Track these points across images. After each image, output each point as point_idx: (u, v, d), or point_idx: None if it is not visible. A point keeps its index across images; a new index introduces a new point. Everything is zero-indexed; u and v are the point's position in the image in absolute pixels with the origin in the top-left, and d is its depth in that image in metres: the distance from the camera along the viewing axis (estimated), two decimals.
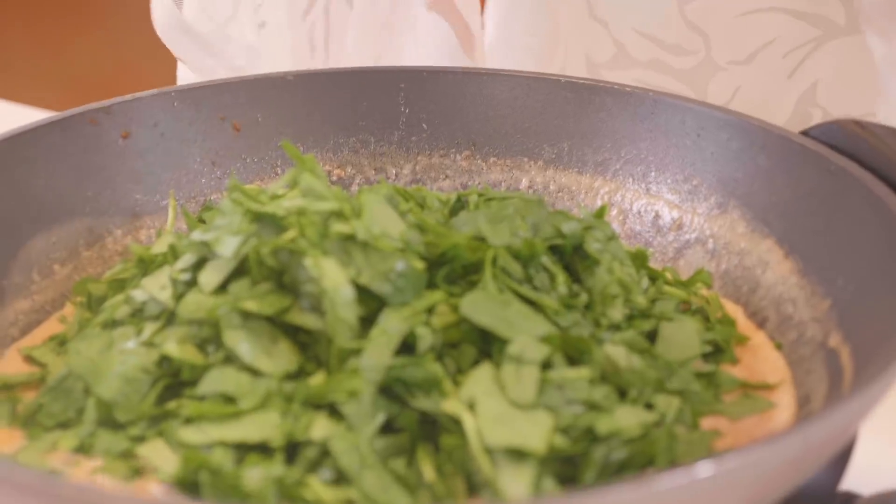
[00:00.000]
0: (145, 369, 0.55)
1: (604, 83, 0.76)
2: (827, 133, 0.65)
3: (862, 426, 0.50)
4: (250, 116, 0.78)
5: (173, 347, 0.54)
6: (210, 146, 0.77)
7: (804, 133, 0.66)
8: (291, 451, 0.50)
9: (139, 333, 0.57)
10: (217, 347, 0.54)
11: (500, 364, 0.52)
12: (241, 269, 0.56)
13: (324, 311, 0.53)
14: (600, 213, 0.65)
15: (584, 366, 0.53)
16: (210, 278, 0.56)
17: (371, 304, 0.53)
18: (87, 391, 0.55)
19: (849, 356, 0.56)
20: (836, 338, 0.58)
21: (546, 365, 0.52)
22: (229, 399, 0.52)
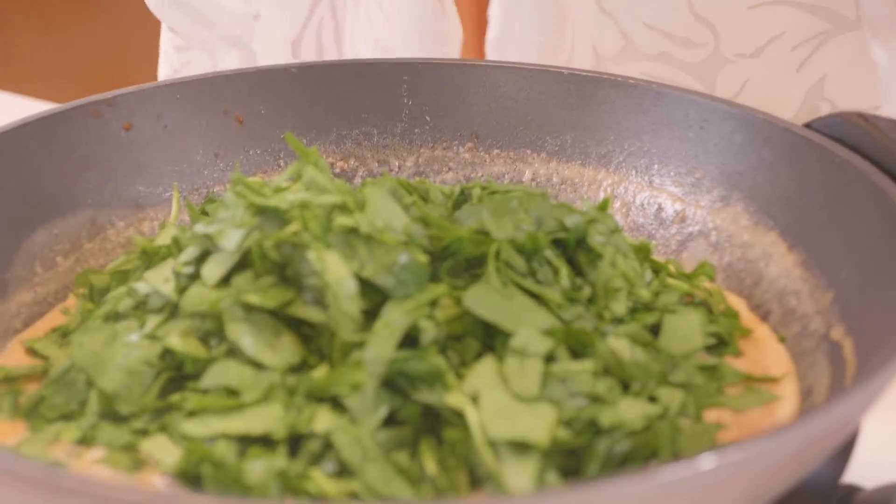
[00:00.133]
0: (148, 362, 0.55)
1: (607, 75, 0.76)
2: (831, 126, 0.65)
3: (865, 419, 0.50)
4: (253, 108, 0.78)
5: (176, 340, 0.54)
6: (213, 138, 0.77)
7: (808, 126, 0.66)
8: (294, 445, 0.50)
9: (142, 326, 0.57)
10: (220, 341, 0.54)
11: (504, 357, 0.52)
12: (244, 263, 0.56)
13: (327, 305, 0.53)
14: (603, 206, 0.64)
15: (588, 359, 0.53)
16: (213, 271, 0.56)
17: (374, 298, 0.53)
18: (90, 384, 0.55)
19: (852, 349, 0.56)
20: (839, 331, 0.58)
21: (549, 358, 0.52)
22: (232, 392, 0.52)
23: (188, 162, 0.76)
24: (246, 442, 0.50)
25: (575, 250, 0.60)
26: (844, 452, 0.54)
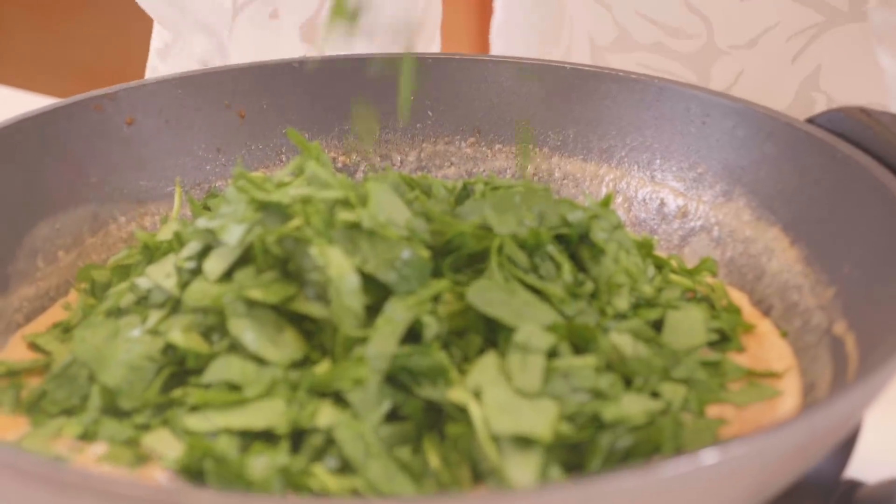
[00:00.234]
0: (150, 357, 0.55)
1: (609, 70, 0.76)
2: (833, 121, 0.65)
3: (867, 414, 0.50)
4: (255, 103, 0.78)
5: (178, 336, 0.54)
6: (215, 133, 0.77)
7: (810, 121, 0.66)
8: (297, 441, 0.50)
9: (144, 321, 0.57)
10: (222, 336, 0.54)
11: (506, 352, 0.52)
12: (246, 258, 0.56)
13: (329, 300, 0.53)
14: (606, 202, 0.64)
15: (590, 354, 0.53)
16: (215, 266, 0.56)
17: (377, 293, 0.53)
18: (92, 378, 0.55)
19: (854, 344, 0.56)
20: (842, 325, 0.58)
21: (552, 353, 0.52)
22: (234, 387, 0.52)
23: (190, 157, 0.76)
24: (248, 437, 0.50)
25: (577, 246, 0.60)
26: (846, 448, 0.54)
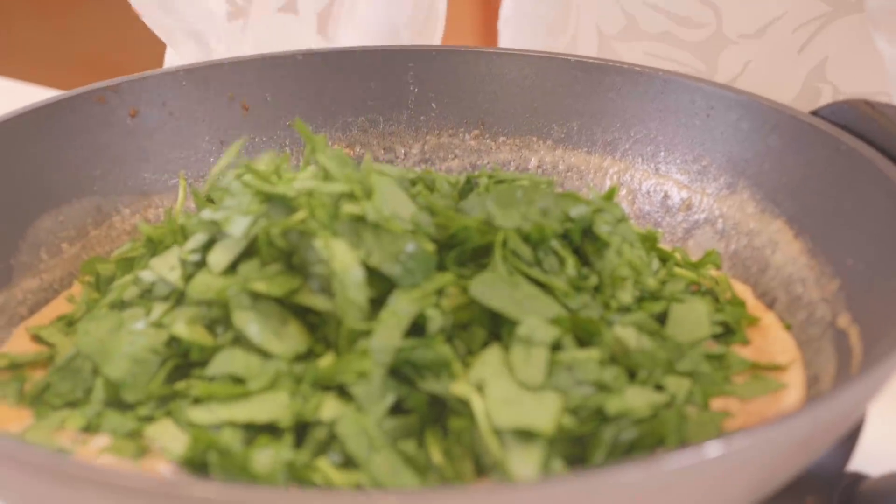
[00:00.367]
0: (154, 350, 0.55)
1: (613, 62, 0.76)
2: (837, 113, 0.65)
3: (871, 407, 0.50)
4: (259, 96, 0.78)
5: (182, 328, 0.54)
6: (219, 125, 0.77)
7: (814, 113, 0.66)
8: (301, 434, 0.50)
9: (148, 314, 0.57)
10: (226, 328, 0.54)
11: (510, 346, 0.52)
12: (251, 250, 0.56)
13: (333, 293, 0.53)
14: (610, 195, 0.64)
15: (594, 347, 0.53)
16: (219, 259, 0.56)
17: (381, 286, 0.53)
18: (96, 371, 0.55)
19: (858, 337, 0.56)
20: (846, 318, 0.58)
21: (555, 347, 0.52)
22: (238, 380, 0.52)
23: (194, 149, 0.76)
24: (252, 430, 0.50)
25: (581, 239, 0.60)
26: (850, 440, 0.54)
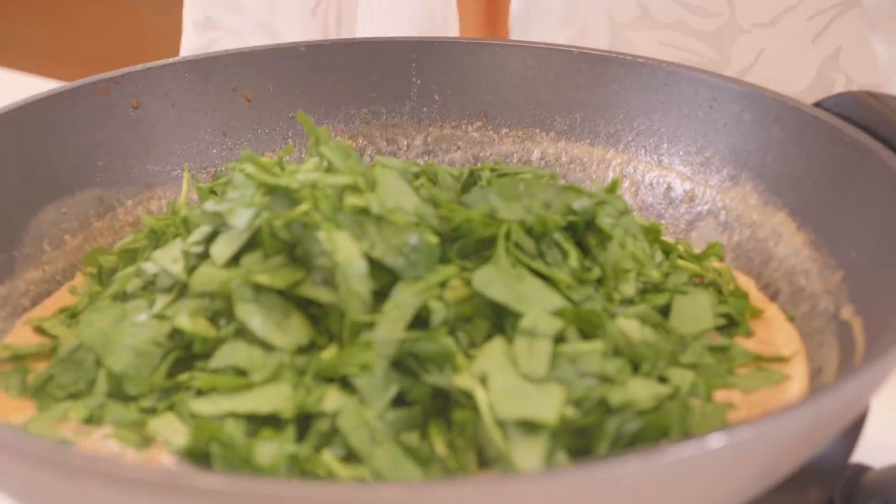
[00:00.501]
0: (157, 342, 0.55)
1: (616, 54, 0.76)
2: (840, 104, 0.65)
3: (874, 399, 0.50)
4: (261, 87, 0.78)
5: (185, 320, 0.54)
6: (221, 117, 0.77)
7: (817, 104, 0.66)
8: (304, 427, 0.50)
9: (151, 306, 0.57)
10: (229, 321, 0.54)
11: (513, 338, 0.52)
12: (254, 242, 0.56)
13: (336, 285, 0.53)
14: (612, 188, 0.64)
15: (597, 339, 0.53)
16: (222, 250, 0.56)
17: (384, 278, 0.53)
18: (98, 363, 0.55)
19: (861, 328, 0.56)
20: (849, 310, 0.58)
21: (559, 339, 0.52)
22: (241, 372, 0.52)
23: (196, 140, 0.76)
24: (255, 422, 0.50)
25: (584, 232, 0.60)
26: (853, 432, 0.54)
